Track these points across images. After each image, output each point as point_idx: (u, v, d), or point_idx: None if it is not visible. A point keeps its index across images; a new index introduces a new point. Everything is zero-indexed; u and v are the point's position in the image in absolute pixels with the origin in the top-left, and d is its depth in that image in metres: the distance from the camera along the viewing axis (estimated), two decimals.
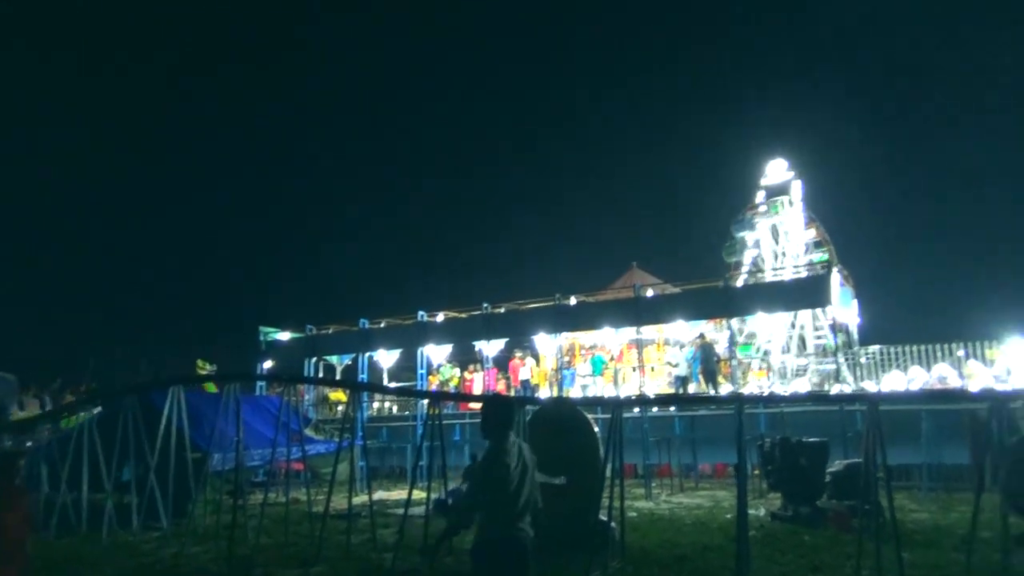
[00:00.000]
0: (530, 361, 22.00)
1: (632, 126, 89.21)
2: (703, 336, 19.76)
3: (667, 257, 60.49)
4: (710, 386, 18.74)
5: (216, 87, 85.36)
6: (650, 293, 21.44)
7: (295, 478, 15.07)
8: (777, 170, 27.01)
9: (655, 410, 17.94)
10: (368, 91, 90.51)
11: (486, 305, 21.63)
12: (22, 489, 6.18)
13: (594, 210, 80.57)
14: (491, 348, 21.87)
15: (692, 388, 19.25)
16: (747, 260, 26.35)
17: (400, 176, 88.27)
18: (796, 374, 23.13)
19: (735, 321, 21.27)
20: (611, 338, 22.24)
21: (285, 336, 25.52)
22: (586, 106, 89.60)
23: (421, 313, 22.44)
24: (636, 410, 17.30)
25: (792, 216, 26.29)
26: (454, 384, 23.16)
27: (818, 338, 24.33)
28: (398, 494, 16.18)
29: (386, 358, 23.88)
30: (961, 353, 18.54)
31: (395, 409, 25.58)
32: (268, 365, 24.83)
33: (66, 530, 11.35)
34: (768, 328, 23.58)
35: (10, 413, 14.34)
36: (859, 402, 13.12)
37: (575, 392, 21.73)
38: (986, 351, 18.51)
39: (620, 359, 22.90)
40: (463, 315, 22.62)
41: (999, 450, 7.02)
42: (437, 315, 22.78)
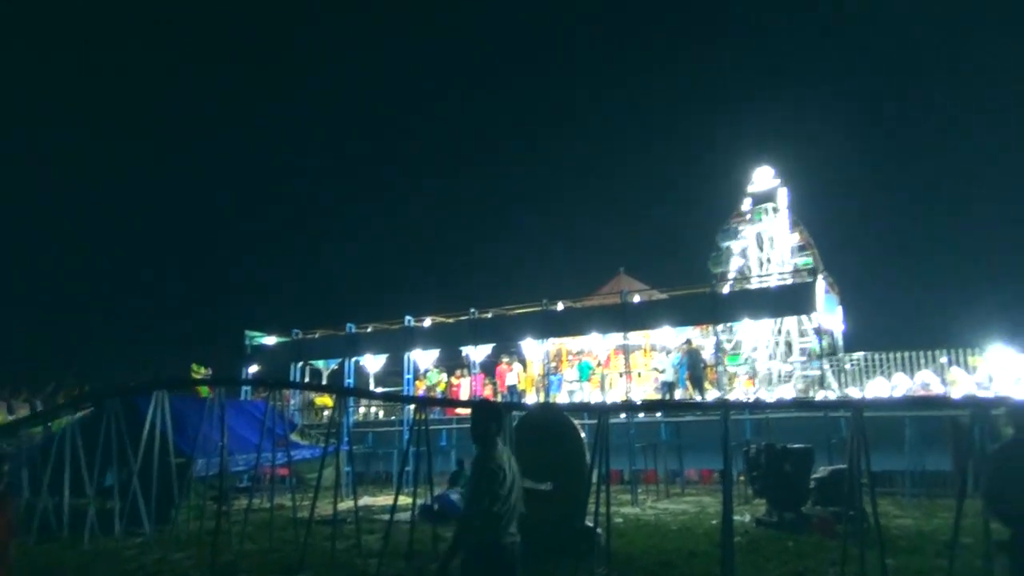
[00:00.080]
0: (517, 366, 21.97)
1: (620, 132, 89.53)
2: (690, 342, 19.83)
3: (654, 263, 60.67)
4: (697, 392, 18.80)
5: (203, 89, 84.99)
6: (637, 299, 21.48)
7: (280, 483, 14.98)
8: (763, 177, 27.15)
9: (641, 416, 17.98)
10: (355, 95, 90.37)
11: (473, 310, 21.61)
12: (5, 494, 6.11)
13: (582, 216, 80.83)
14: (478, 353, 21.85)
15: (679, 394, 19.30)
16: (733, 268, 26.46)
17: (390, 181, 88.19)
18: (781, 380, 23.25)
19: (723, 332, 21.40)
20: (598, 344, 22.28)
21: (271, 340, 25.37)
22: (574, 112, 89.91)
23: (408, 318, 22.39)
24: (623, 416, 17.33)
25: (778, 223, 26.45)
26: (441, 389, 23.10)
27: (803, 344, 24.48)
28: (384, 500, 16.11)
29: (373, 363, 23.79)
30: (944, 360, 18.70)
31: (381, 414, 25.49)
32: (253, 369, 24.68)
33: (47, 536, 11.22)
34: (754, 335, 23.69)
35: None
36: (843, 408, 13.21)
37: (562, 398, 21.73)
38: (968, 358, 18.68)
39: (607, 365, 22.93)
40: (450, 320, 22.60)
41: (981, 456, 7.08)
42: (424, 320, 22.74)
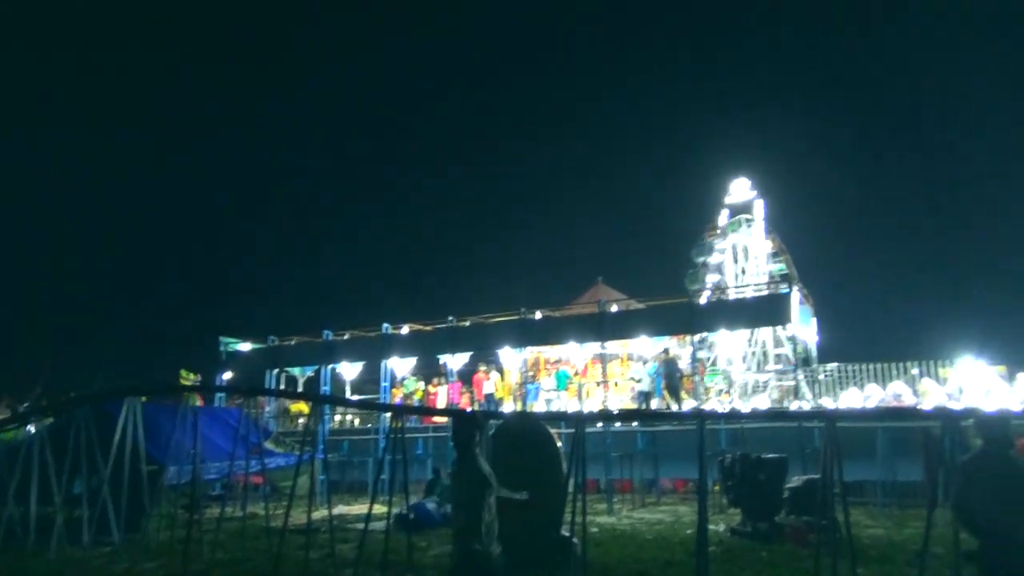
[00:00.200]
0: (495, 375, 21.95)
1: (599, 143, 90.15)
2: (667, 351, 19.95)
3: (632, 273, 61.11)
4: (674, 401, 18.89)
5: (182, 95, 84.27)
6: (615, 309, 21.58)
7: (253, 492, 14.80)
8: (740, 189, 27.48)
9: (618, 425, 18.02)
10: (335, 102, 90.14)
11: (451, 318, 21.55)
12: None
13: (560, 225, 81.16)
14: (456, 361, 21.79)
15: (655, 403, 19.38)
16: (710, 283, 26.70)
17: (369, 188, 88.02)
18: (757, 390, 23.47)
19: (700, 349, 21.57)
20: (576, 353, 22.33)
21: (246, 347, 25.10)
22: (554, 123, 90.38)
23: (386, 325, 22.27)
24: (599, 425, 17.36)
25: (754, 234, 26.76)
26: (418, 397, 23.00)
27: (779, 352, 24.73)
28: (359, 508, 15.97)
29: (349, 370, 23.62)
30: (916, 371, 18.99)
31: (357, 422, 25.30)
32: (228, 376, 24.40)
33: (13, 544, 10.96)
34: (730, 346, 23.91)
35: None
36: (817, 419, 13.33)
37: (539, 406, 21.73)
38: (939, 370, 18.98)
39: (584, 374, 22.98)
40: (428, 328, 22.50)
41: (951, 467, 7.18)
42: (402, 327, 22.62)
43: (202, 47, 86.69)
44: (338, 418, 25.20)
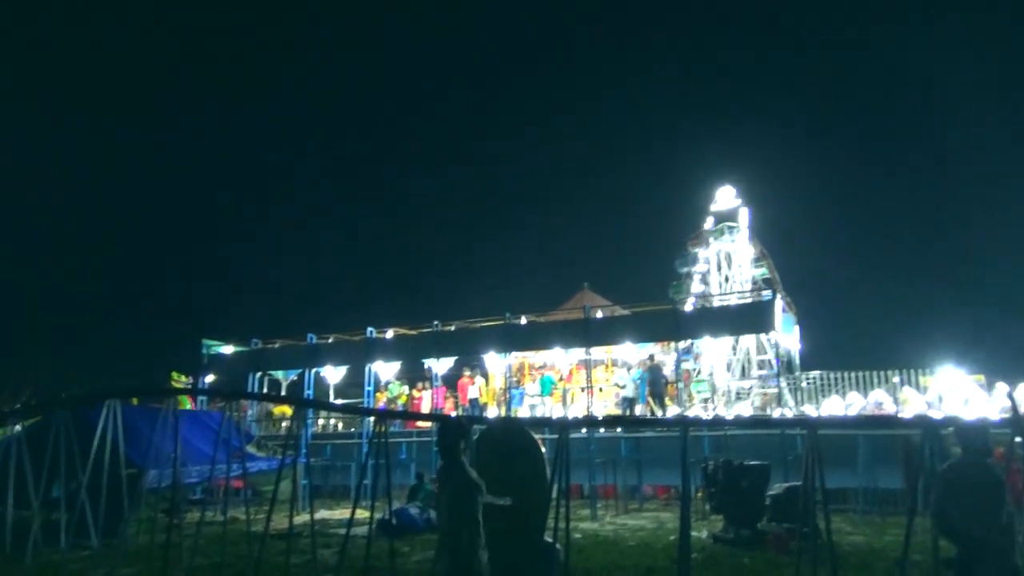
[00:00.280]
0: (479, 380, 21.91)
1: (585, 149, 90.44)
2: (652, 357, 20.01)
3: (618, 279, 61.27)
4: (658, 407, 18.94)
5: (176, 93, 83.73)
6: (600, 315, 21.63)
7: (234, 496, 14.66)
8: (725, 196, 27.63)
9: (602, 431, 18.05)
10: (317, 105, 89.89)
11: (437, 322, 21.50)
12: None
13: (546, 231, 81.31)
14: (440, 366, 21.74)
15: (639, 409, 19.43)
16: (694, 291, 26.81)
17: (353, 191, 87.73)
18: (739, 397, 23.59)
19: (685, 360, 21.67)
20: (561, 358, 22.35)
21: (229, 349, 24.92)
22: (542, 128, 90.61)
23: (370, 329, 22.18)
24: (583, 431, 17.37)
25: (738, 242, 26.92)
26: (402, 402, 22.92)
27: (761, 363, 24.88)
28: (341, 513, 15.88)
29: (333, 374, 23.51)
30: (897, 380, 19.17)
31: (340, 426, 25.18)
32: (210, 379, 24.20)
33: None
34: (714, 353, 24.02)
35: None
36: (799, 426, 13.40)
37: (523, 412, 21.72)
38: (920, 378, 19.17)
39: (569, 379, 23.00)
40: (413, 332, 22.45)
41: (931, 475, 7.25)
42: (387, 331, 22.55)
43: (196, 46, 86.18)
44: (321, 422, 25.07)
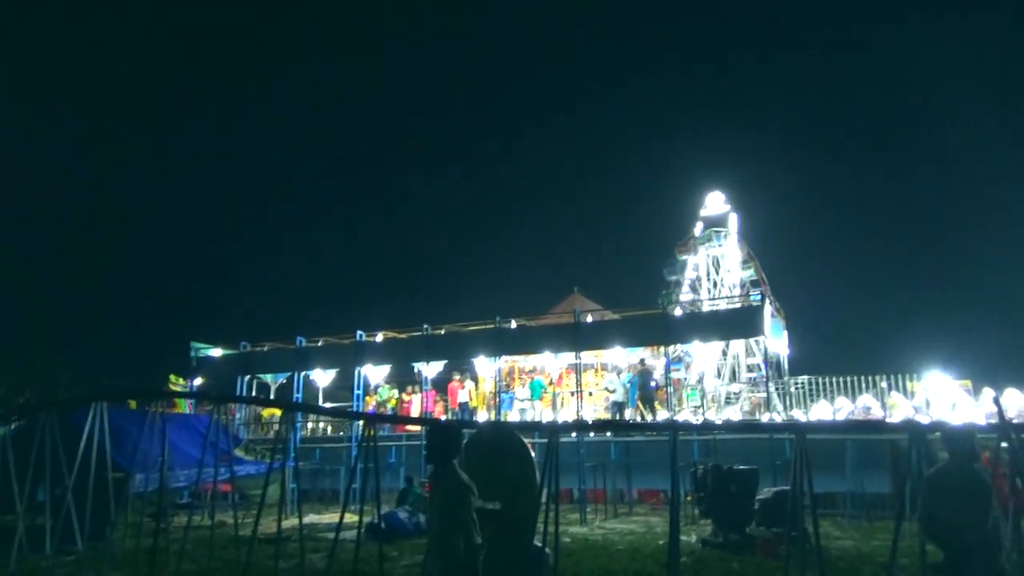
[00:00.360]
0: (469, 383, 21.89)
1: (577, 153, 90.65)
2: (643, 362, 20.05)
3: (608, 283, 61.43)
4: (648, 412, 18.97)
5: (167, 94, 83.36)
6: (590, 319, 21.66)
7: (222, 500, 14.57)
8: (715, 202, 27.78)
9: (592, 435, 18.05)
10: (305, 107, 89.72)
11: (426, 326, 21.47)
12: None
13: (537, 235, 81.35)
14: (430, 370, 21.70)
15: (628, 413, 19.46)
16: (683, 299, 26.92)
17: (343, 194, 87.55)
18: (728, 402, 23.67)
19: (676, 370, 21.73)
20: (550, 362, 22.36)
21: (217, 352, 24.80)
22: (531, 133, 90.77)
23: (360, 332, 22.12)
24: (573, 435, 17.38)
25: (728, 247, 27.06)
26: (392, 405, 22.86)
27: (750, 368, 24.99)
28: (330, 517, 15.80)
29: (322, 377, 23.42)
30: (884, 385, 19.27)
31: (329, 430, 25.08)
32: (199, 382, 24.07)
33: None
34: (705, 359, 24.11)
35: None
36: (788, 431, 13.46)
37: (513, 416, 21.70)
38: (907, 383, 19.29)
39: (559, 383, 23.01)
40: (403, 335, 22.39)
41: (918, 479, 7.29)
42: (376, 335, 22.49)
43: (196, 46, 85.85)
44: (310, 426, 24.96)
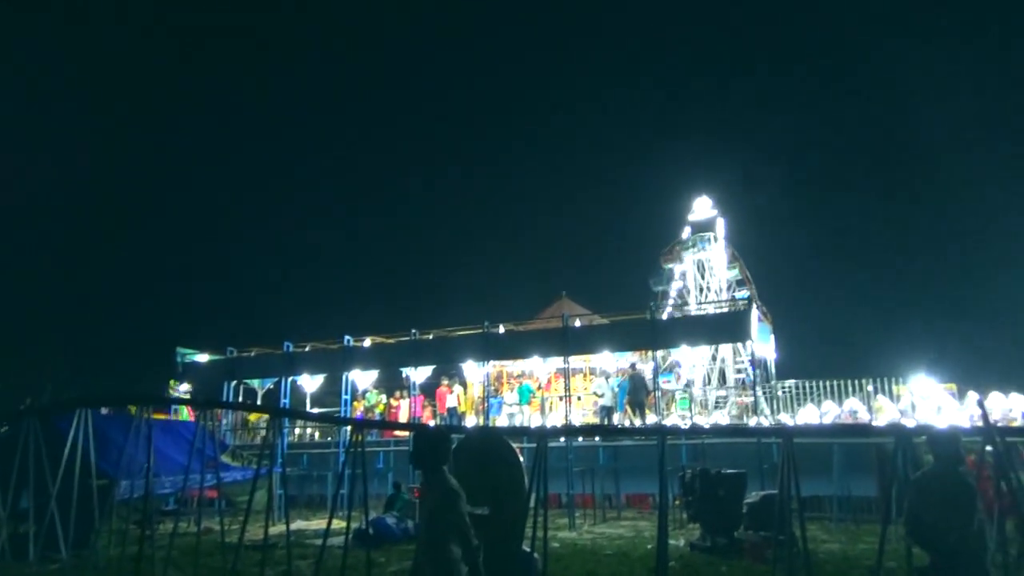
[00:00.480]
0: (457, 388, 21.85)
1: (564, 158, 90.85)
2: (634, 366, 20.07)
3: (596, 288, 61.42)
4: (637, 416, 18.99)
5: (159, 94, 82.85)
6: (578, 323, 21.69)
7: (208, 506, 14.45)
8: (703, 207, 27.90)
9: (580, 440, 18.05)
10: (292, 109, 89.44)
11: (415, 331, 21.43)
12: None
13: (525, 240, 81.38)
14: (419, 375, 21.64)
15: (617, 418, 19.47)
16: (670, 308, 26.99)
17: (329, 198, 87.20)
18: (716, 406, 23.74)
19: (664, 380, 21.83)
20: (539, 367, 22.36)
21: (203, 358, 24.65)
22: (519, 137, 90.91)
23: (348, 337, 22.04)
24: (562, 440, 17.37)
25: (715, 252, 27.17)
26: (380, 411, 22.78)
27: (738, 372, 25.07)
28: (317, 524, 15.72)
29: (310, 383, 23.32)
30: (871, 388, 19.37)
31: (317, 435, 24.96)
32: (185, 387, 23.91)
33: None
34: (691, 363, 24.18)
35: None
36: (775, 435, 13.51)
37: (502, 421, 21.67)
38: (893, 387, 19.40)
39: (547, 388, 23.00)
40: (391, 340, 22.33)
41: (904, 483, 7.34)
42: (364, 340, 22.42)
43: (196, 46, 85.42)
44: (297, 431, 24.84)
